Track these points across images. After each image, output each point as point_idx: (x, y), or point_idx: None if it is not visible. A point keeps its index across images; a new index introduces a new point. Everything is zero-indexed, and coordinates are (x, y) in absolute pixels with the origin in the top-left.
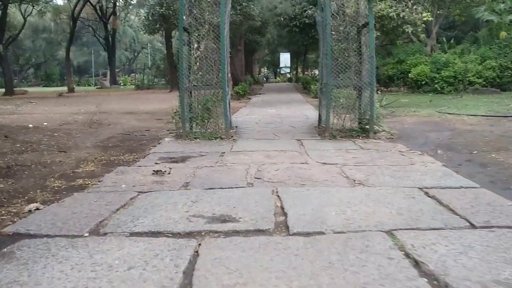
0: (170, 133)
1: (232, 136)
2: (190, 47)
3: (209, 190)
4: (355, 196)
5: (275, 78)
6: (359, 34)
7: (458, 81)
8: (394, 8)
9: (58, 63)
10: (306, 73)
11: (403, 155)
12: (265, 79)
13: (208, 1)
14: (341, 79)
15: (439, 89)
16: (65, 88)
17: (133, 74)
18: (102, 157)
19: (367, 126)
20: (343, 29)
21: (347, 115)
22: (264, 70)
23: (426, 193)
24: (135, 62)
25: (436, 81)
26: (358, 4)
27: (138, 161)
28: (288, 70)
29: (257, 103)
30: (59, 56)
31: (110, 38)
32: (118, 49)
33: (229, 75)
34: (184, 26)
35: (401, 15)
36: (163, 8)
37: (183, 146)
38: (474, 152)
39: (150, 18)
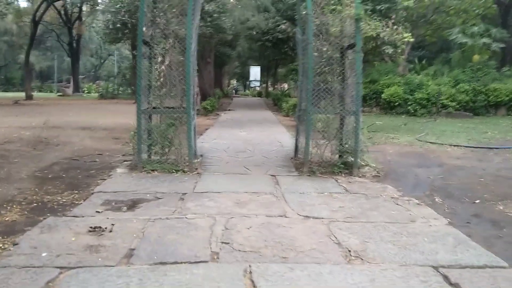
0: (124, 160)
1: (196, 169)
2: (151, 61)
3: (159, 266)
4: (356, 283)
5: (245, 91)
6: (343, 56)
7: (431, 103)
8: (374, 27)
9: (20, 67)
10: (276, 86)
11: (397, 204)
12: (234, 91)
13: (174, 11)
14: (323, 106)
15: (412, 111)
16: (23, 95)
17: (98, 81)
18: (34, 197)
19: (350, 159)
20: (326, 50)
21: (327, 145)
22: (234, 82)
23: (446, 278)
24: (101, 69)
25: (409, 103)
26: (343, 23)
27: (77, 205)
28: (258, 83)
29: (226, 122)
30: (21, 60)
31: (74, 44)
32: (83, 55)
33: (197, 91)
34: (144, 39)
35: (381, 35)
36: (126, 16)
37: (136, 182)
38: (477, 201)
39: (111, 26)
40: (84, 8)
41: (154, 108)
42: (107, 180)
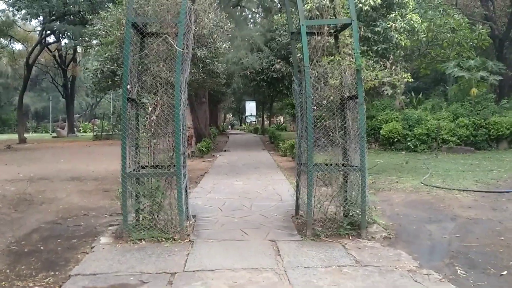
0: (110, 224)
1: (188, 235)
2: (138, 116)
3: None
4: None
5: (240, 125)
6: (343, 107)
7: (431, 139)
8: (371, 68)
9: (15, 109)
10: (272, 119)
11: (416, 281)
12: (230, 126)
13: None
14: (324, 162)
15: (412, 147)
16: (17, 136)
17: (94, 120)
18: (3, 283)
19: (356, 218)
20: (325, 103)
21: (331, 202)
22: (230, 116)
23: None
24: (97, 107)
25: (408, 139)
26: (343, 73)
27: None
28: (253, 118)
29: (221, 168)
30: (16, 101)
31: (69, 85)
32: (78, 95)
33: (191, 133)
34: (129, 97)
35: (379, 76)
36: (115, 64)
37: (120, 257)
38: (504, 272)
39: (99, 75)
40: (78, 49)
41: (142, 167)
42: (89, 255)
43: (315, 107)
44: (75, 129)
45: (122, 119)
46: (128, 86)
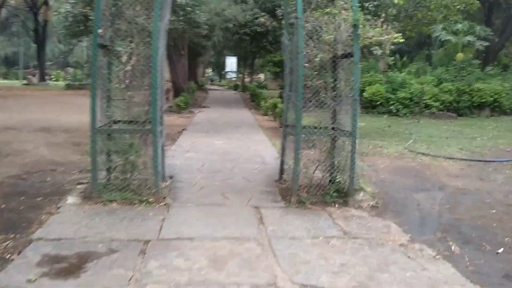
0: (79, 183)
1: (164, 198)
2: (110, 64)
3: None
4: None
5: (220, 81)
6: (335, 66)
7: (414, 103)
8: (367, 25)
9: None
10: (253, 77)
11: (409, 257)
12: (210, 81)
13: (140, 6)
14: (313, 124)
15: (394, 110)
16: None
17: (67, 68)
18: None
19: (343, 185)
20: (318, 60)
21: (317, 167)
22: (209, 71)
23: None
24: (71, 55)
25: (391, 102)
26: (338, 28)
27: (7, 263)
28: (234, 74)
29: (201, 125)
30: None
31: (40, 30)
32: (50, 41)
33: (169, 87)
34: (101, 43)
35: (369, 35)
36: (88, 7)
37: (88, 221)
38: (500, 250)
39: (70, 18)
40: None
41: (115, 122)
42: (54, 216)
43: (306, 64)
44: (47, 77)
45: (92, 68)
46: (100, 30)
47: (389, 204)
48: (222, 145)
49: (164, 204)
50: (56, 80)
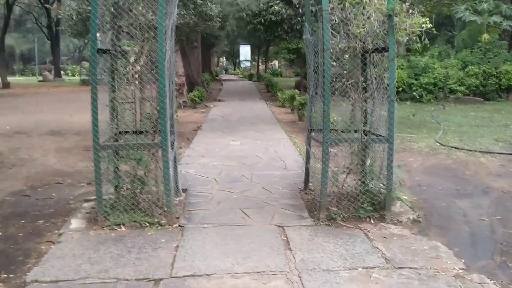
0: (86, 200)
1: (178, 218)
2: (114, 72)
3: None
4: None
5: (234, 69)
6: (365, 62)
7: (438, 88)
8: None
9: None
10: (267, 64)
11: None
12: (224, 71)
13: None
14: (341, 128)
15: (417, 97)
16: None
17: (83, 63)
18: None
19: (378, 197)
20: (348, 57)
21: (347, 175)
22: (223, 60)
23: None
24: (86, 49)
25: (414, 88)
26: (368, 19)
27: None
28: (248, 63)
29: (216, 122)
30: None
31: (53, 27)
32: (64, 36)
33: (182, 81)
34: (101, 48)
35: (414, 25)
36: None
37: (92, 252)
38: None
39: (74, 17)
40: None
41: (121, 133)
42: (54, 248)
43: (334, 63)
44: (62, 72)
45: (90, 76)
46: (98, 34)
47: (432, 216)
48: (239, 146)
49: (178, 226)
50: (72, 75)
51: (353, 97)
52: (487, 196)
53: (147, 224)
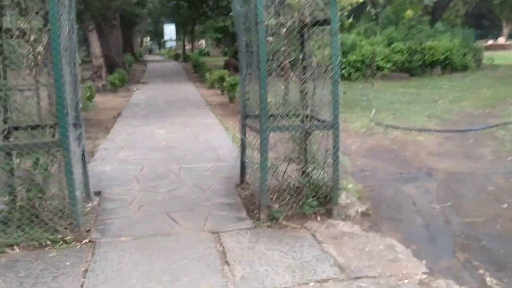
0: None
1: (88, 230)
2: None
3: None
4: None
5: (159, 50)
6: (302, 38)
7: (365, 66)
8: None
9: None
10: (193, 44)
11: None
12: (148, 51)
13: None
14: (280, 114)
15: (346, 75)
16: None
17: None
18: None
19: (322, 187)
20: (285, 31)
21: (288, 165)
22: (147, 40)
23: None
24: None
25: (343, 66)
26: None
27: None
28: (173, 43)
29: (139, 107)
30: None
31: None
32: None
33: (100, 63)
34: None
35: None
36: None
37: None
38: None
39: None
40: None
41: (15, 129)
42: None
43: (270, 38)
44: None
45: None
46: None
47: (380, 207)
48: (165, 135)
49: (89, 242)
50: None
51: (292, 78)
52: (433, 179)
53: (49, 243)
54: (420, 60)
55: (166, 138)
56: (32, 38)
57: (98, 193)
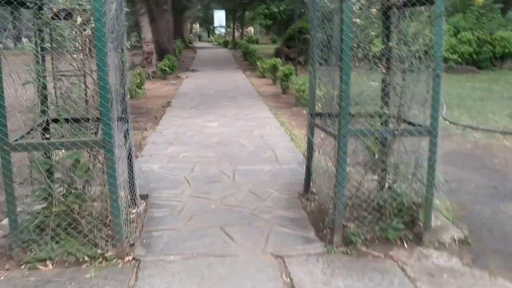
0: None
1: (132, 244)
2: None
3: None
4: None
5: (209, 36)
6: (387, 25)
7: (429, 57)
8: None
9: None
10: (243, 31)
11: None
12: (197, 38)
13: None
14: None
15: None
16: None
17: None
18: None
19: (410, 208)
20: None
21: (364, 176)
22: (197, 27)
23: None
24: None
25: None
26: None
27: None
28: (223, 30)
29: (188, 97)
30: None
31: None
32: None
33: (151, 49)
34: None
35: None
36: None
37: None
38: None
39: None
40: None
41: (54, 121)
42: None
43: (357, 20)
44: None
45: None
46: None
47: (480, 233)
48: (217, 129)
49: (132, 260)
50: None
51: (381, 70)
52: None
53: (86, 259)
54: (490, 52)
55: (218, 132)
56: (79, 20)
57: (145, 197)
